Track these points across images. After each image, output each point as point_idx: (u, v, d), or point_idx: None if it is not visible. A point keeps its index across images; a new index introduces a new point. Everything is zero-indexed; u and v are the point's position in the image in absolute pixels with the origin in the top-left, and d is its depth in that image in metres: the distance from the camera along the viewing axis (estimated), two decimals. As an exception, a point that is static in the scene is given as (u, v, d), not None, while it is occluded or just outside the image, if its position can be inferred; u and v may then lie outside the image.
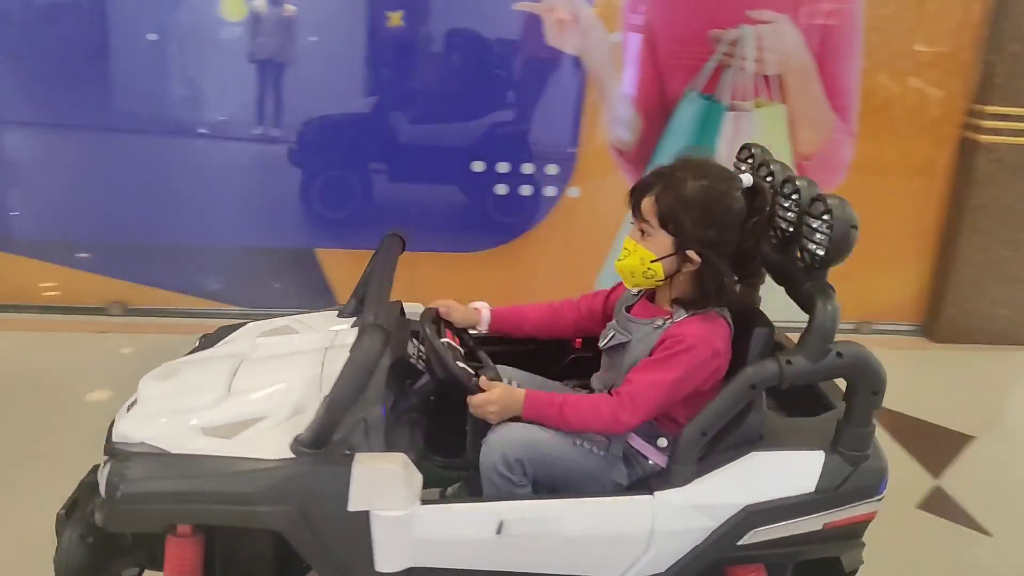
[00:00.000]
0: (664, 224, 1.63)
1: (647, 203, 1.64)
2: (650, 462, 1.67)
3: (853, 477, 1.55)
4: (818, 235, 1.55)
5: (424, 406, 1.73)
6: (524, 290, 4.01)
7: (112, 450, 1.50)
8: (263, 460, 1.44)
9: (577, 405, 1.63)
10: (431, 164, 3.86)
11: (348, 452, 1.46)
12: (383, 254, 1.80)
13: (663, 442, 1.67)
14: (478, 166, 3.83)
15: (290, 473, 1.42)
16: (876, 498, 1.57)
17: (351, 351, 1.39)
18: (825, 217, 1.53)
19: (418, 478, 1.49)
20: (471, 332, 1.89)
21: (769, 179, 1.75)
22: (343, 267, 3.90)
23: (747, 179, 1.67)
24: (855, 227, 1.53)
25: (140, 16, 3.63)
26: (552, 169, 3.86)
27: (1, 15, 3.56)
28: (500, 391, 1.64)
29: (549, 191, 3.90)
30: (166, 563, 1.53)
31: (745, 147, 1.88)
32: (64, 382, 3.14)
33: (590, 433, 1.66)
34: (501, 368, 1.83)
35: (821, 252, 1.55)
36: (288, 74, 3.76)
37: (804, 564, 1.68)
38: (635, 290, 1.77)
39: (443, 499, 1.67)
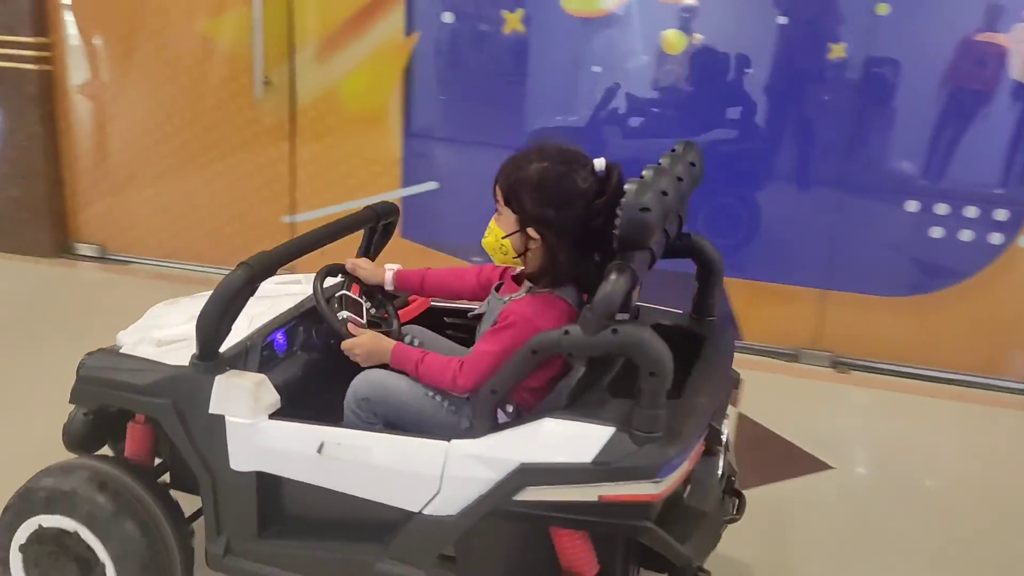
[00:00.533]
0: (508, 202, 1.76)
1: (499, 183, 1.80)
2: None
3: (634, 455, 1.54)
4: (618, 217, 1.60)
5: (325, 348, 2.05)
6: (942, 348, 3.68)
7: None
8: (165, 365, 1.86)
9: (431, 364, 1.78)
10: (858, 198, 3.66)
11: (230, 368, 1.83)
12: (341, 224, 2.12)
13: (509, 408, 1.79)
14: (912, 206, 3.61)
15: (174, 375, 1.82)
16: (653, 480, 1.54)
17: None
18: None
19: (273, 397, 1.81)
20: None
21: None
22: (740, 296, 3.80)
23: (600, 163, 1.74)
24: (645, 209, 1.55)
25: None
26: (1001, 214, 3.54)
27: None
28: (368, 337, 1.86)
29: (995, 238, 3.57)
30: (126, 443, 2.03)
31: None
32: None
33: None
34: (411, 327, 2.07)
35: (617, 232, 1.59)
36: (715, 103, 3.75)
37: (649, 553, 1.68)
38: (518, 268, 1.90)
39: (289, 418, 1.79)
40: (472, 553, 1.74)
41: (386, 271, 2.07)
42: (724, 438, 1.81)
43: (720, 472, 1.83)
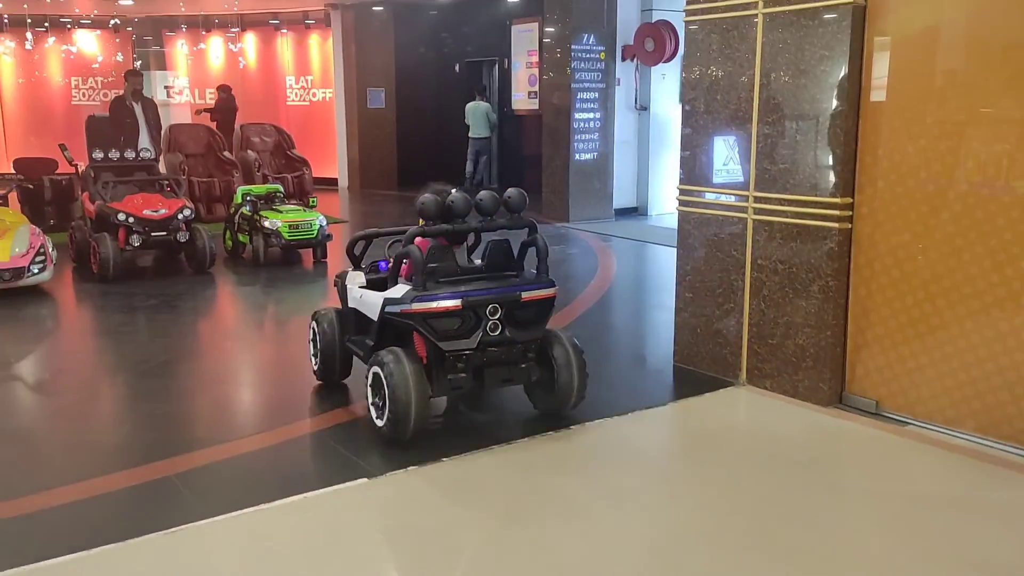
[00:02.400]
0: None
1: None
2: None
3: (408, 294, 3.98)
4: None
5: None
6: None
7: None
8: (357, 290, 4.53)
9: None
10: None
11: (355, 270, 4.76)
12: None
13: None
14: None
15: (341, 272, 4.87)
16: (408, 303, 3.95)
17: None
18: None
19: (361, 280, 4.58)
20: None
21: None
22: None
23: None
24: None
25: None
26: None
27: None
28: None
29: None
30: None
31: None
32: None
33: None
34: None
35: None
36: None
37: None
38: None
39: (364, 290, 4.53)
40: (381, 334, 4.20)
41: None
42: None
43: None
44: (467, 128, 13.66)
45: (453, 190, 4.18)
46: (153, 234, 7.66)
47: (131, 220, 7.57)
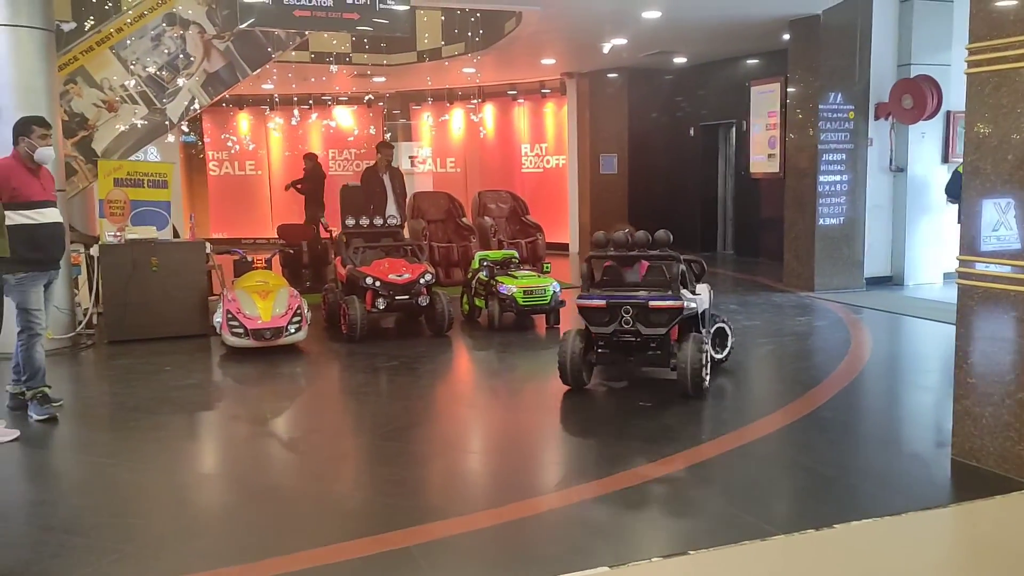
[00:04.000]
0: None
1: None
2: None
3: None
4: None
5: None
6: None
7: None
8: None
9: None
10: None
11: None
12: None
13: None
14: None
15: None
16: None
17: None
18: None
19: None
20: None
21: None
22: None
23: None
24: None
25: None
26: None
27: None
28: None
29: None
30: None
31: None
32: None
33: None
34: None
35: None
36: None
37: None
38: None
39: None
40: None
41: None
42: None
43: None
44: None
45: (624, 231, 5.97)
46: (397, 297, 7.98)
47: (378, 284, 7.93)
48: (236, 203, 18.24)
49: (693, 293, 5.98)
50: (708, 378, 5.84)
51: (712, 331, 6.33)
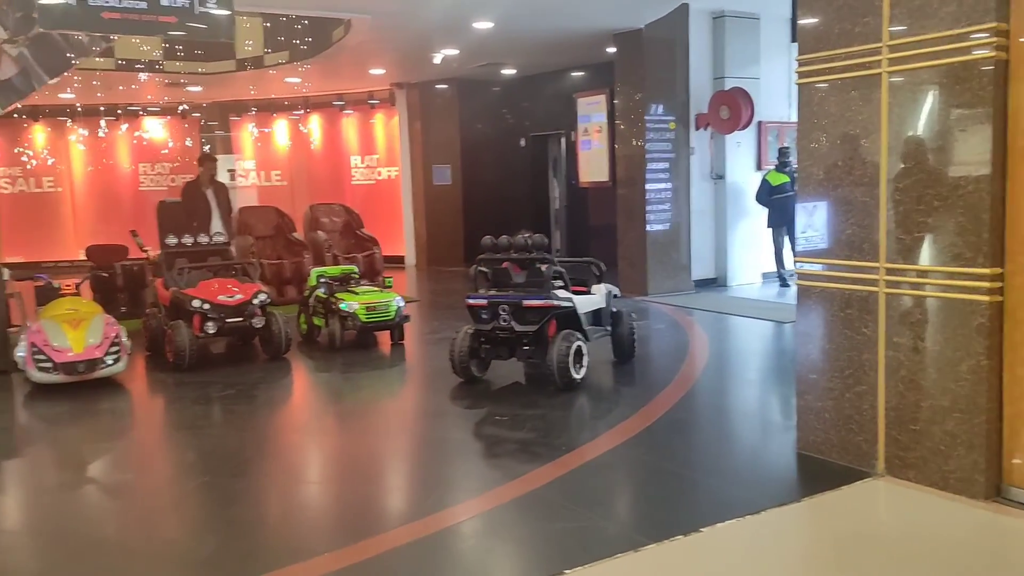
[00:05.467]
0: None
1: None
2: None
3: None
4: None
5: None
6: None
7: None
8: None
9: None
10: None
11: None
12: None
13: None
14: None
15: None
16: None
17: None
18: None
19: None
20: None
21: None
22: None
23: None
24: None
25: None
26: None
27: None
28: None
29: None
30: None
31: None
32: None
33: None
34: None
35: None
36: None
37: None
38: None
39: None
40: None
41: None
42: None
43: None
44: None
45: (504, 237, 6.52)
46: (228, 320, 7.47)
47: (206, 307, 7.40)
48: (33, 223, 16.63)
49: (588, 292, 6.72)
50: (582, 373, 6.19)
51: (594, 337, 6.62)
